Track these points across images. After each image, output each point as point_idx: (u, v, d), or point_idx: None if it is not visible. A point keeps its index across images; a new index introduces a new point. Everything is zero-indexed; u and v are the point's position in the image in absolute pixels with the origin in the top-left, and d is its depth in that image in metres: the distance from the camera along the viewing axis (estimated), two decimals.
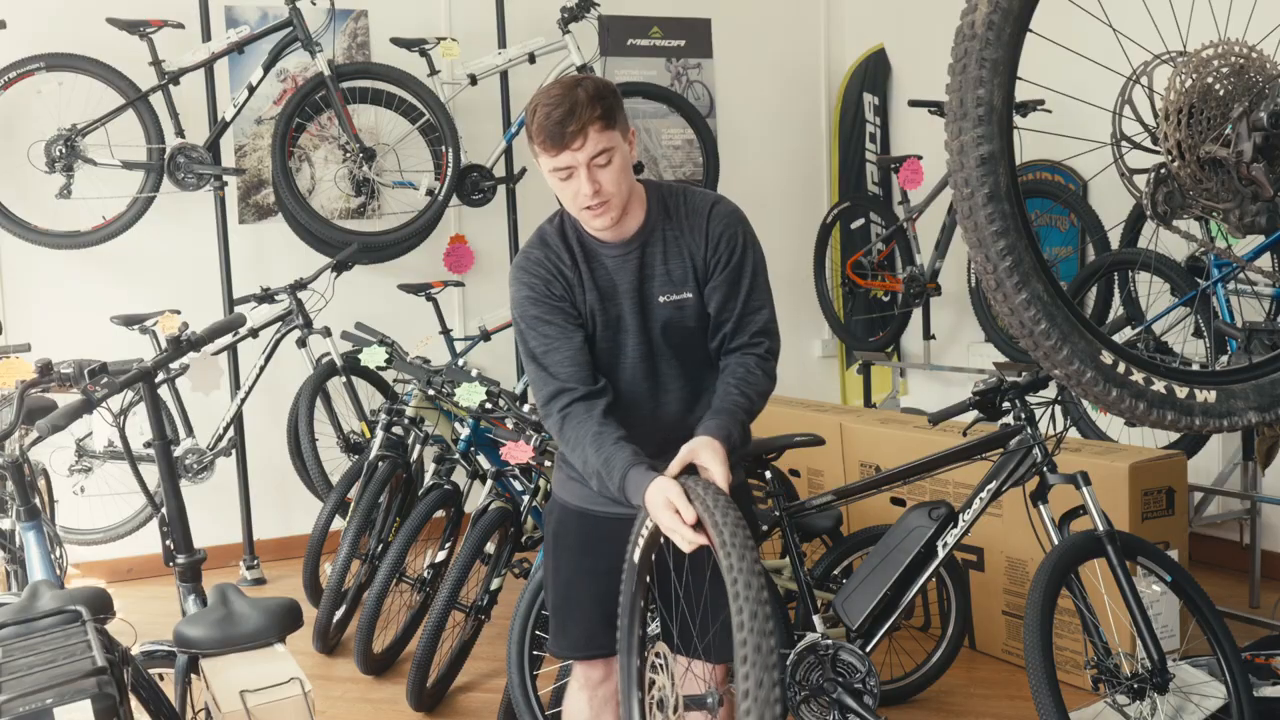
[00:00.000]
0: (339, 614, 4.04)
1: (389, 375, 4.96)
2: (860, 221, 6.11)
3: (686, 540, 1.96)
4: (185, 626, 2.16)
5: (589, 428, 2.16)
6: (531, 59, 5.24)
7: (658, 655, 2.10)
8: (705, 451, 2.07)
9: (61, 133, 4.67)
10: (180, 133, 4.82)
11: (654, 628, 2.42)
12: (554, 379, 2.22)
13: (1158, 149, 2.20)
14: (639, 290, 2.25)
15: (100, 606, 2.13)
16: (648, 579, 2.18)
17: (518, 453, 3.37)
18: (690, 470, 2.08)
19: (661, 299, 2.25)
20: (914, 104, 5.22)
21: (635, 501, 2.07)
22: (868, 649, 2.97)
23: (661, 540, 2.08)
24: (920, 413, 4.45)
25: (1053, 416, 2.95)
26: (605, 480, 2.13)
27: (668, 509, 1.98)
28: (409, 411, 4.10)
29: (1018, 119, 2.44)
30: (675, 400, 2.32)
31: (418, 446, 4.15)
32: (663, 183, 2.32)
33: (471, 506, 3.77)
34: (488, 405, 3.59)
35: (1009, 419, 2.98)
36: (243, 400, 4.91)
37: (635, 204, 2.23)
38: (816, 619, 2.99)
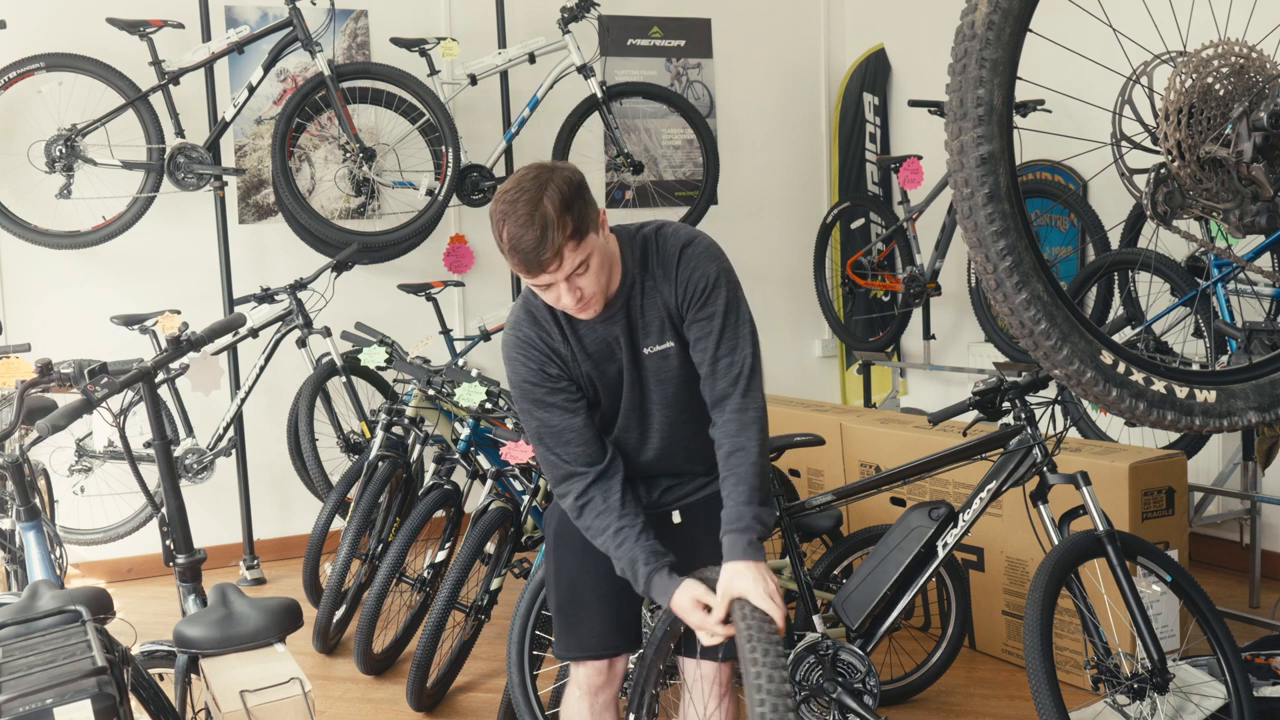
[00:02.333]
0: (339, 614, 4.04)
1: (389, 375, 4.96)
2: (860, 221, 6.11)
3: (717, 635, 2.07)
4: (185, 626, 2.16)
5: (609, 521, 2.20)
6: (531, 59, 5.24)
7: None
8: (739, 581, 2.04)
9: (61, 133, 4.67)
10: (180, 133, 4.82)
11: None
12: (563, 462, 2.25)
13: (1158, 149, 2.20)
14: (632, 344, 2.24)
15: (100, 606, 2.13)
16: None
17: (518, 453, 3.37)
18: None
19: (647, 350, 2.25)
20: (914, 104, 5.22)
21: (660, 603, 2.14)
22: (868, 649, 2.97)
23: (682, 629, 2.21)
24: (920, 413, 4.45)
25: (1053, 416, 2.95)
26: (627, 576, 2.19)
27: (696, 609, 2.07)
28: (409, 411, 4.10)
29: (1018, 119, 2.44)
30: (672, 445, 2.34)
31: (418, 446, 4.15)
32: (638, 230, 2.26)
33: (471, 506, 3.77)
34: (488, 405, 3.59)
35: (1009, 419, 2.98)
36: (243, 400, 4.91)
37: (614, 268, 2.19)
38: (816, 619, 2.99)
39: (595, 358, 2.25)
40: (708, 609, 2.08)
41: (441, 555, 3.74)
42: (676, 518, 2.40)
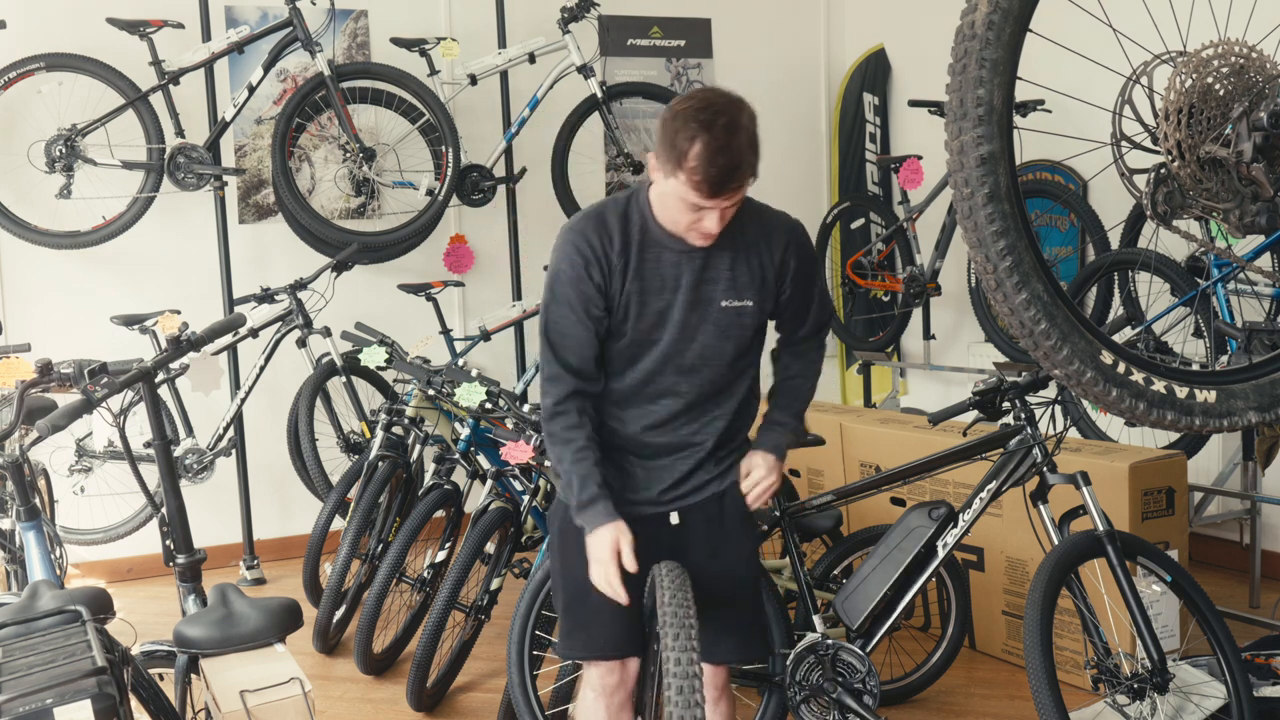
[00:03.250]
0: (339, 614, 4.04)
1: (389, 375, 4.96)
2: (860, 221, 6.11)
3: (613, 590, 2.19)
4: (185, 626, 2.16)
5: (575, 435, 2.26)
6: (531, 59, 5.24)
7: None
8: (756, 461, 2.38)
9: (61, 133, 4.66)
10: (180, 133, 4.82)
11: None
12: (559, 362, 2.28)
13: (1158, 149, 2.20)
14: (695, 289, 2.26)
15: (100, 606, 2.13)
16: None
17: (518, 453, 3.37)
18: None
19: (724, 303, 2.27)
20: (914, 104, 5.22)
21: (583, 526, 2.23)
22: (868, 649, 2.97)
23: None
24: (920, 413, 4.45)
25: (1053, 416, 2.95)
26: (564, 488, 2.28)
27: (613, 557, 2.18)
28: (409, 411, 4.10)
29: (1018, 119, 2.44)
30: (699, 409, 2.34)
31: (418, 446, 4.15)
32: None
33: (471, 506, 3.77)
34: (488, 405, 3.59)
35: (1009, 419, 2.98)
36: (243, 400, 4.91)
37: None
38: (816, 619, 2.99)
39: (646, 282, 2.25)
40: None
41: (441, 555, 3.74)
42: (674, 519, 2.39)
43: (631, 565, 2.18)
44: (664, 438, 2.34)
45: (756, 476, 2.34)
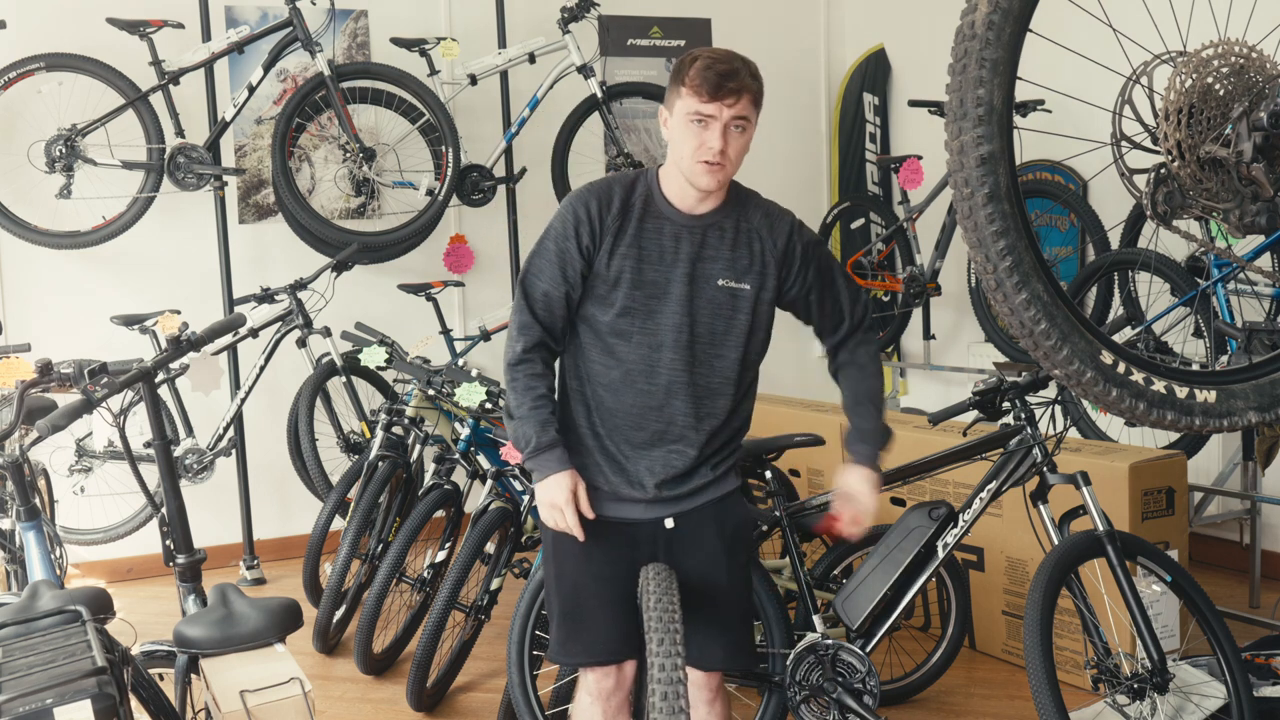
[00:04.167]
0: (339, 614, 4.04)
1: (389, 375, 4.96)
2: (860, 221, 6.11)
3: (571, 526, 2.27)
4: (185, 626, 2.16)
5: (537, 384, 2.33)
6: (531, 59, 5.24)
7: None
8: (853, 479, 2.43)
9: (61, 133, 4.66)
10: (180, 133, 4.82)
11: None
12: (530, 310, 2.34)
13: (1158, 149, 2.20)
14: (694, 264, 2.30)
15: (100, 606, 2.13)
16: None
17: (518, 453, 3.37)
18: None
19: (720, 282, 2.31)
20: (914, 104, 5.22)
21: (540, 473, 2.30)
22: (868, 649, 2.97)
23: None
24: (920, 413, 4.45)
25: (1053, 416, 2.95)
26: (519, 432, 2.32)
27: (570, 500, 2.26)
28: (409, 411, 4.10)
29: (1018, 119, 2.44)
30: (684, 388, 2.32)
31: (418, 446, 4.15)
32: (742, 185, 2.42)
33: (471, 506, 3.77)
34: (488, 405, 3.59)
35: (1009, 419, 2.98)
36: (243, 400, 4.91)
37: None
38: (816, 619, 2.99)
39: (644, 250, 2.30)
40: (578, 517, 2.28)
41: (441, 555, 3.74)
42: (669, 523, 2.38)
43: (589, 511, 2.28)
44: (659, 423, 2.33)
45: (864, 501, 2.41)
